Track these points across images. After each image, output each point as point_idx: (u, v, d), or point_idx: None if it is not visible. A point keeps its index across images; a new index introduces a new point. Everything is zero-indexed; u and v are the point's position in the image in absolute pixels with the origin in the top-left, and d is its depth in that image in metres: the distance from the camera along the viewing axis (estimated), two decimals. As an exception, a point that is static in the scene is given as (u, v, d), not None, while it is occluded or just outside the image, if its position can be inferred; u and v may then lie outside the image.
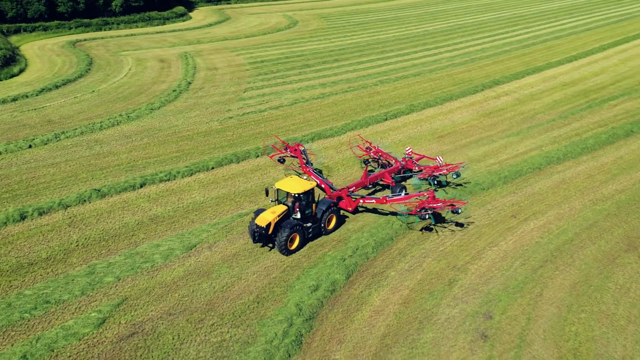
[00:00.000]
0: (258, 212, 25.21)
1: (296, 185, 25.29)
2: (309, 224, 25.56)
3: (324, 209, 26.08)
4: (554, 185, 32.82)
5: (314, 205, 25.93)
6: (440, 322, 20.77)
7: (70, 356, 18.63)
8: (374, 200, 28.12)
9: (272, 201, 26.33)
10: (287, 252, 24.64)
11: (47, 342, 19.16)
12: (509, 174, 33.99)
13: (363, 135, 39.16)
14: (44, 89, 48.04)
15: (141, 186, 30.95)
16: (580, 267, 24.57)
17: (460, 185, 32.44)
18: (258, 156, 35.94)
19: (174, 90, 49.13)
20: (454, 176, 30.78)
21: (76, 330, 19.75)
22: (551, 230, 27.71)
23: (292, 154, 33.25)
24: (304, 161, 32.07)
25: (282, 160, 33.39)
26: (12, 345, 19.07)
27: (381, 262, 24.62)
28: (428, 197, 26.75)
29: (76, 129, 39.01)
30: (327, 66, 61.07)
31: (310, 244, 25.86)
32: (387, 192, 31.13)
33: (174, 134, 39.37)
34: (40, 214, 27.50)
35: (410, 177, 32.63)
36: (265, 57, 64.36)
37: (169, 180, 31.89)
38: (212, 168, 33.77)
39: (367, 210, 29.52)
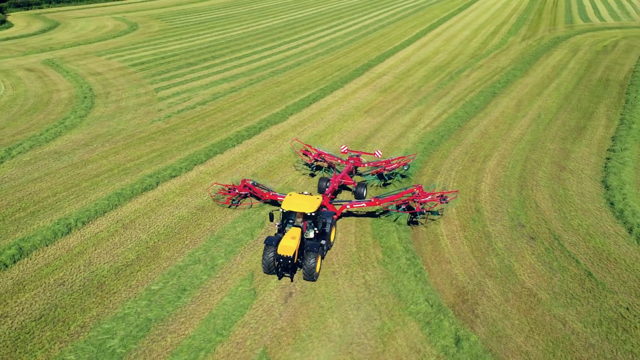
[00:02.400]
0: (270, 241, 22.53)
1: (306, 203, 23.27)
2: (323, 242, 23.71)
3: (330, 222, 24.42)
4: (479, 136, 41.37)
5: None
6: (499, 235, 26.87)
7: (257, 322, 20.16)
8: (364, 204, 26.84)
9: (277, 225, 24.05)
10: (316, 277, 22.44)
11: (224, 316, 20.31)
12: (444, 132, 41.64)
13: (304, 118, 43.16)
14: None
15: (157, 184, 30.89)
16: (545, 185, 32.95)
17: (405, 176, 32.52)
18: (234, 146, 37.64)
19: (85, 97, 46.45)
20: (405, 168, 31.34)
21: (241, 303, 21.09)
22: (506, 166, 35.84)
23: (243, 193, 28.60)
24: (264, 191, 28.09)
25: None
26: (193, 328, 19.74)
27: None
28: (418, 192, 27.23)
29: (20, 143, 35.67)
30: (210, 63, 62.49)
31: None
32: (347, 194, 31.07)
33: (130, 136, 38.46)
34: (83, 224, 26.31)
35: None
36: (139, 59, 62.86)
37: (177, 176, 32.24)
38: (205, 161, 34.71)
39: (344, 214, 28.29)
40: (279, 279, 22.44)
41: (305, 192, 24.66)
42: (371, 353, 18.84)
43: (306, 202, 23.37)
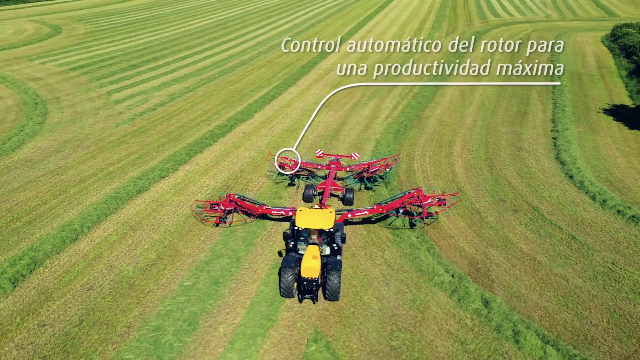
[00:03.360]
0: (288, 262, 21.03)
1: (322, 218, 22.19)
2: (339, 257, 22.56)
3: (341, 234, 22.89)
4: (437, 124, 44.12)
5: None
6: (487, 210, 29.31)
7: (300, 305, 21.03)
8: (366, 212, 25.97)
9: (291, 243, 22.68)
10: (339, 296, 21.19)
11: (267, 303, 21.03)
12: (405, 122, 44.00)
13: (270, 115, 43.93)
14: None
15: (149, 186, 30.60)
16: (510, 164, 36.01)
17: (384, 178, 32.22)
18: (211, 144, 37.75)
19: (35, 103, 44.34)
20: (387, 170, 31.54)
21: (278, 290, 21.86)
22: (470, 149, 38.69)
23: (228, 209, 26.67)
24: (254, 205, 26.56)
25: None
26: (241, 317, 20.29)
27: (408, 190, 31.63)
28: (418, 195, 27.26)
29: (-15, 154, 33.74)
30: (154, 64, 61.24)
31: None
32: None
33: (100, 140, 37.46)
34: (89, 229, 25.75)
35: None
36: (77, 63, 60.42)
37: (166, 177, 32.04)
38: (188, 160, 34.64)
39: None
40: (300, 302, 21.09)
41: (316, 206, 23.63)
42: (413, 322, 20.36)
43: (321, 217, 22.25)
